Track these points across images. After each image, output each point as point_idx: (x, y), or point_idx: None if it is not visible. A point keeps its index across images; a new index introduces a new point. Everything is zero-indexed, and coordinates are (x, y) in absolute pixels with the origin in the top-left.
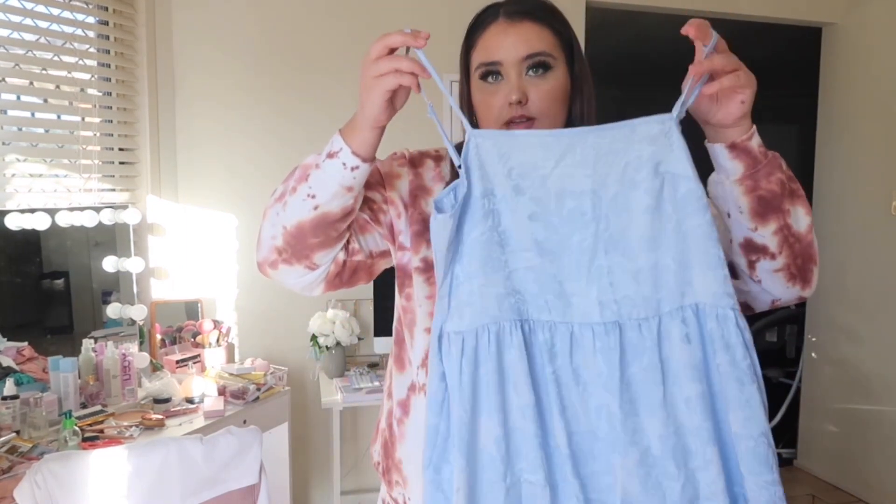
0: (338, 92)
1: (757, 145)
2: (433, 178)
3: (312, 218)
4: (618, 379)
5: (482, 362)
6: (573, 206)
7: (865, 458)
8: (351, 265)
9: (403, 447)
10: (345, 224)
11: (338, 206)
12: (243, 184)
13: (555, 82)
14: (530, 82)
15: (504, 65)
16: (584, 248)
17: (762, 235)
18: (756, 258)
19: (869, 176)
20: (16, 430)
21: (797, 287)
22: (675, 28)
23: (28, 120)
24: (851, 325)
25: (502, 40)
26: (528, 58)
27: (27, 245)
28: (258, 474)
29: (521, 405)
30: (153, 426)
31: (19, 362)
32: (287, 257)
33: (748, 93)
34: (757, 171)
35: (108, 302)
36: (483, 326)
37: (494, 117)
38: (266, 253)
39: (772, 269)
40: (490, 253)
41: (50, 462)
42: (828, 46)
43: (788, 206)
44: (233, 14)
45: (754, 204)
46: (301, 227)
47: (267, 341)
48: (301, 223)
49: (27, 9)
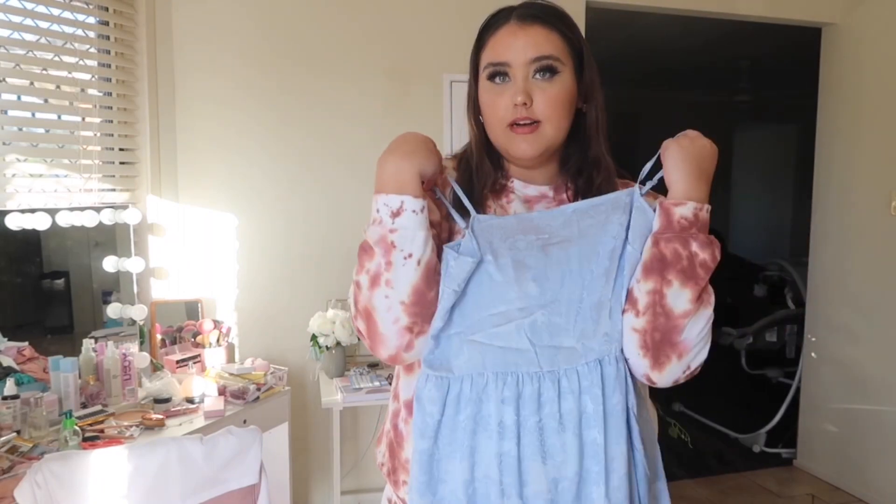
0: (339, 92)
1: (679, 215)
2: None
3: (422, 274)
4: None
5: (462, 408)
6: (563, 266)
7: (865, 458)
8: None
9: (410, 446)
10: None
11: (431, 248)
12: (244, 183)
13: (561, 87)
14: (536, 85)
15: (512, 66)
16: (572, 300)
17: (639, 289)
18: (627, 308)
19: (868, 176)
20: (16, 430)
21: (647, 361)
22: (675, 28)
23: (28, 120)
24: (851, 325)
25: (512, 42)
26: (535, 60)
27: (28, 245)
28: (258, 474)
29: (497, 453)
30: (153, 426)
31: (20, 362)
32: (419, 329)
33: (683, 168)
34: (664, 234)
35: (109, 302)
36: (468, 375)
37: (500, 118)
38: (397, 341)
39: (630, 326)
40: (487, 307)
41: (50, 462)
42: (828, 46)
43: (673, 278)
44: (233, 14)
45: (649, 258)
46: (417, 289)
47: (267, 341)
48: (415, 286)
49: (28, 9)
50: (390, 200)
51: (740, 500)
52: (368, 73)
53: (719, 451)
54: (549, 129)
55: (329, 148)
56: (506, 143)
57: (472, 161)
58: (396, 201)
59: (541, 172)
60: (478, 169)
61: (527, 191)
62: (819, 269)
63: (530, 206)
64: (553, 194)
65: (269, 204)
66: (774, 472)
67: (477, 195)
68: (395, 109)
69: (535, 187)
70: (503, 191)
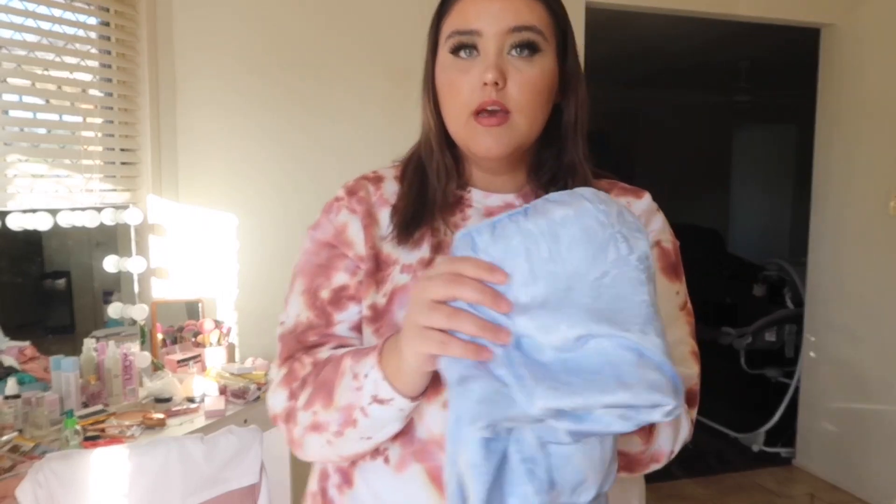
0: (340, 93)
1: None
2: (377, 202)
3: (372, 445)
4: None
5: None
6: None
7: (864, 458)
8: None
9: None
10: None
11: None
12: (244, 183)
13: (541, 70)
14: (513, 63)
15: (483, 35)
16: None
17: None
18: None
19: (867, 176)
20: (18, 430)
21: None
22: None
23: (30, 121)
24: (850, 325)
25: (486, 6)
26: (514, 31)
27: (29, 245)
28: (259, 474)
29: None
30: (154, 426)
31: (21, 362)
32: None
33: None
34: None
35: (110, 302)
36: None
37: (462, 102)
38: (311, 454)
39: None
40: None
41: (51, 461)
42: (827, 47)
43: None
44: (234, 14)
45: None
46: (360, 454)
47: (267, 341)
48: (359, 453)
49: (29, 10)
50: (381, 388)
51: (739, 499)
52: (368, 75)
53: (718, 451)
54: (521, 121)
55: (329, 148)
56: (466, 137)
57: (426, 164)
58: (387, 393)
59: (507, 179)
60: (437, 173)
61: (488, 201)
62: (818, 269)
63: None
64: (522, 203)
65: (269, 204)
66: (773, 472)
67: (431, 211)
68: (395, 111)
69: (498, 196)
70: (458, 204)
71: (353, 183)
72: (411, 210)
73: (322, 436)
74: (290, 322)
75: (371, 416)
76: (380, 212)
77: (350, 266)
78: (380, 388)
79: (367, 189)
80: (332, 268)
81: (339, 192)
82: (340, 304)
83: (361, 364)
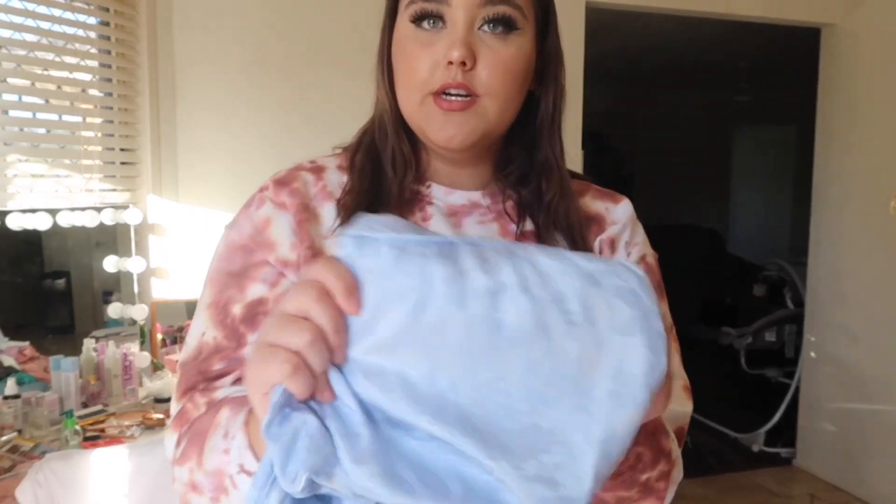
0: (340, 92)
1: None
2: (318, 194)
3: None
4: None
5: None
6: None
7: (865, 458)
8: None
9: None
10: None
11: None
12: (244, 184)
13: (517, 50)
14: (484, 41)
15: (452, 5)
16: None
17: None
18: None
19: (868, 176)
20: (17, 430)
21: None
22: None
23: (29, 120)
24: (850, 325)
25: None
26: (489, 2)
27: (29, 245)
28: None
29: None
30: (154, 426)
31: (21, 362)
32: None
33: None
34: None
35: (109, 302)
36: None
37: (420, 80)
38: (177, 476)
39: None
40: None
41: (51, 461)
42: (827, 47)
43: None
44: (235, 15)
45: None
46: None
47: None
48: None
49: (28, 10)
50: (245, 457)
51: (739, 499)
52: (369, 76)
53: (718, 451)
54: (491, 106)
55: (330, 148)
56: (422, 122)
57: (380, 150)
58: (252, 465)
59: (471, 173)
60: (393, 162)
61: (451, 199)
62: (818, 269)
63: (457, 219)
64: (490, 203)
65: None
66: (774, 472)
67: (385, 206)
68: None
69: (462, 194)
70: (416, 201)
71: (285, 173)
72: (363, 205)
73: (202, 498)
74: (192, 344)
75: (241, 490)
76: (321, 206)
77: (270, 275)
78: (244, 456)
79: (303, 180)
80: (247, 277)
81: (265, 182)
82: (256, 322)
83: (236, 419)
